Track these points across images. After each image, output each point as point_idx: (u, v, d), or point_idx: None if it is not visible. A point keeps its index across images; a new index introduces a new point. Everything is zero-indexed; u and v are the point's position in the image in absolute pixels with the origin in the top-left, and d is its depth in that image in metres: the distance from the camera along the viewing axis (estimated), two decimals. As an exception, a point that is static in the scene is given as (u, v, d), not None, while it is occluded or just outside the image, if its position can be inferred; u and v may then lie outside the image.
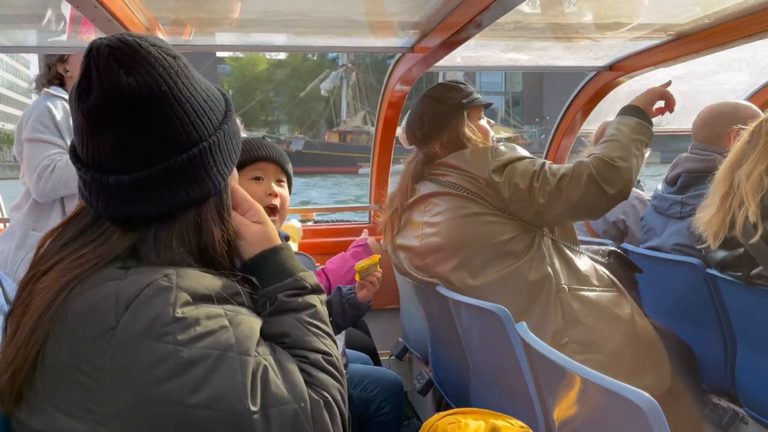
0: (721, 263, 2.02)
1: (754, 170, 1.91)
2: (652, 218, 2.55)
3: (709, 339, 2.25)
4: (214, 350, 0.83)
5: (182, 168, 0.91)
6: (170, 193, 0.91)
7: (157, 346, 0.81)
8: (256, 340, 0.88)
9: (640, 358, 1.85)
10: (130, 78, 0.86)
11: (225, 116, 0.99)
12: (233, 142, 0.99)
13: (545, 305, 1.84)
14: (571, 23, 2.51)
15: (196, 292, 0.86)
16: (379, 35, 2.61)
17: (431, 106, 2.10)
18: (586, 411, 1.22)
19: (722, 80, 3.64)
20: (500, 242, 1.87)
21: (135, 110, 0.87)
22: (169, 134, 0.90)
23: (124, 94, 0.86)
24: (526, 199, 1.87)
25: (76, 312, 0.84)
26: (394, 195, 2.21)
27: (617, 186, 1.83)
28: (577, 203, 1.84)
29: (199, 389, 0.81)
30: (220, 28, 2.46)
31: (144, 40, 0.90)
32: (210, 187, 0.95)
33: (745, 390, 2.12)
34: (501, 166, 1.90)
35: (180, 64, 0.92)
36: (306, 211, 3.75)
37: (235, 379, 0.83)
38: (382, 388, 2.16)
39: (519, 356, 1.47)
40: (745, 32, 2.26)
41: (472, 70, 3.26)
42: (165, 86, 0.88)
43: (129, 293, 0.83)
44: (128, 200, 0.90)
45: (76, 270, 0.88)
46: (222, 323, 0.86)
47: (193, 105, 0.92)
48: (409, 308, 2.79)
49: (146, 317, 0.82)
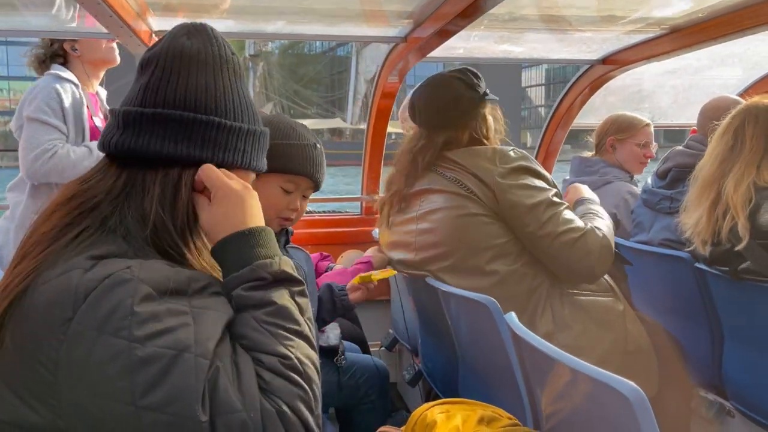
0: (708, 258, 2.03)
1: (742, 181, 1.89)
2: (641, 212, 2.55)
3: (696, 332, 2.26)
4: (170, 350, 0.79)
5: (183, 122, 0.96)
6: (163, 139, 0.95)
7: (111, 341, 0.79)
8: (217, 340, 0.84)
9: (628, 365, 1.84)
10: (188, 41, 1.00)
11: (253, 125, 1.03)
12: (244, 145, 1.02)
13: (535, 309, 1.84)
14: (565, 15, 2.50)
15: (159, 285, 0.84)
16: (373, 24, 2.60)
17: (462, 91, 1.96)
18: (573, 401, 1.22)
19: (715, 75, 3.64)
20: (496, 245, 1.85)
21: (175, 61, 0.98)
22: (191, 92, 0.97)
23: (177, 49, 0.99)
24: (520, 218, 1.84)
25: (36, 301, 0.83)
26: (393, 177, 2.12)
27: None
28: (569, 266, 1.84)
29: (150, 391, 0.78)
30: (212, 15, 2.43)
31: (216, 31, 1.03)
32: (197, 154, 0.97)
33: (732, 383, 2.14)
34: (508, 173, 1.85)
35: (234, 59, 1.03)
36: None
37: (188, 383, 0.79)
38: (368, 376, 2.17)
39: (507, 346, 1.47)
40: (739, 26, 2.26)
41: (465, 62, 3.25)
42: (210, 59, 0.99)
43: (88, 284, 0.81)
44: (130, 132, 0.96)
45: (70, 214, 0.92)
46: (183, 320, 0.83)
47: (224, 87, 1.00)
48: (400, 300, 2.79)
49: (103, 310, 0.80)
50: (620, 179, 2.84)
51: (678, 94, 3.85)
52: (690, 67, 3.51)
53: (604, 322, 1.87)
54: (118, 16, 1.95)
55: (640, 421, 0.94)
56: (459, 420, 1.30)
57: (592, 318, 1.86)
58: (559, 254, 1.83)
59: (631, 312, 1.98)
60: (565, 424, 1.31)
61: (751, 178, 1.88)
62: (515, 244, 1.86)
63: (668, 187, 2.43)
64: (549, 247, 1.82)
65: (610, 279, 2.00)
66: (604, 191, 2.82)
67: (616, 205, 2.75)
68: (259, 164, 1.07)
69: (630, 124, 2.89)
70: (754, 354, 2.02)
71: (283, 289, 0.92)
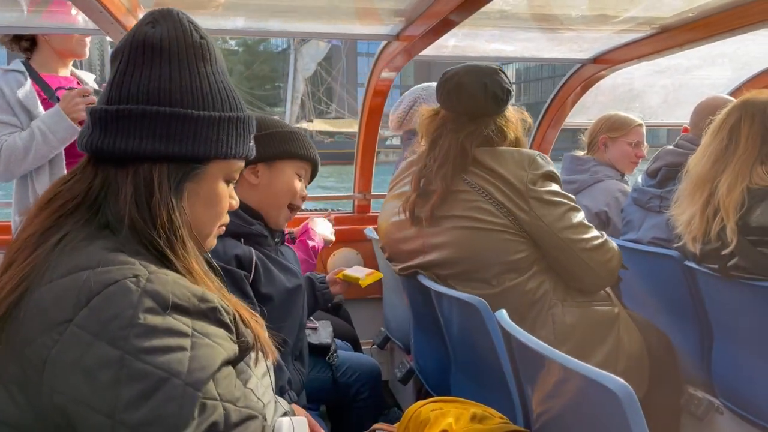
0: (698, 255, 2.04)
1: (735, 186, 1.89)
2: (631, 210, 2.57)
3: (686, 330, 2.28)
4: (161, 371, 0.78)
5: (146, 117, 0.92)
6: (128, 136, 0.92)
7: (105, 349, 0.78)
8: (211, 374, 0.82)
9: (619, 371, 1.85)
10: (152, 29, 0.95)
11: (226, 112, 0.98)
12: (217, 134, 0.97)
13: (536, 320, 1.84)
14: (556, 14, 2.51)
15: (165, 300, 0.82)
16: (365, 22, 2.59)
17: (500, 83, 1.91)
18: (562, 398, 1.23)
19: (705, 75, 3.66)
20: (508, 261, 1.83)
21: (138, 53, 0.94)
22: (153, 84, 0.93)
23: (138, 39, 0.95)
24: (552, 224, 1.82)
25: (39, 299, 0.82)
26: (430, 171, 1.92)
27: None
28: (594, 270, 1.87)
29: (131, 407, 0.77)
30: (205, 12, 2.42)
31: (185, 14, 0.99)
32: (164, 149, 0.93)
33: (721, 381, 2.15)
34: (539, 179, 1.83)
35: (203, 44, 0.98)
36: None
37: (171, 409, 0.77)
38: (360, 374, 2.17)
39: (497, 344, 1.48)
40: (728, 26, 2.27)
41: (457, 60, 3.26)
42: (175, 47, 0.95)
43: (93, 288, 0.81)
44: (98, 131, 0.93)
45: (51, 217, 0.91)
46: (181, 343, 0.81)
47: (191, 75, 0.95)
48: (392, 298, 2.80)
49: (103, 317, 0.79)
50: (611, 178, 2.86)
51: (668, 94, 3.87)
52: (680, 66, 3.53)
53: (600, 332, 1.88)
54: (109, 12, 1.93)
55: (629, 416, 0.94)
56: (452, 417, 1.31)
57: (591, 328, 1.87)
58: (589, 258, 1.85)
59: (625, 316, 1.99)
60: (555, 420, 1.31)
61: (744, 183, 1.88)
62: (527, 259, 1.84)
63: (658, 186, 2.44)
64: (581, 251, 1.84)
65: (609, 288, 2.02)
66: (595, 189, 2.84)
67: (606, 203, 2.77)
68: (241, 151, 1.01)
69: (622, 123, 2.91)
70: (743, 351, 2.04)
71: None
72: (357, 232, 3.06)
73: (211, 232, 1.05)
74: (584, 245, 1.85)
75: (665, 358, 2.14)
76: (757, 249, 1.85)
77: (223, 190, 1.03)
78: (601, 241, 1.89)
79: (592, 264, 1.85)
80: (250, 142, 1.04)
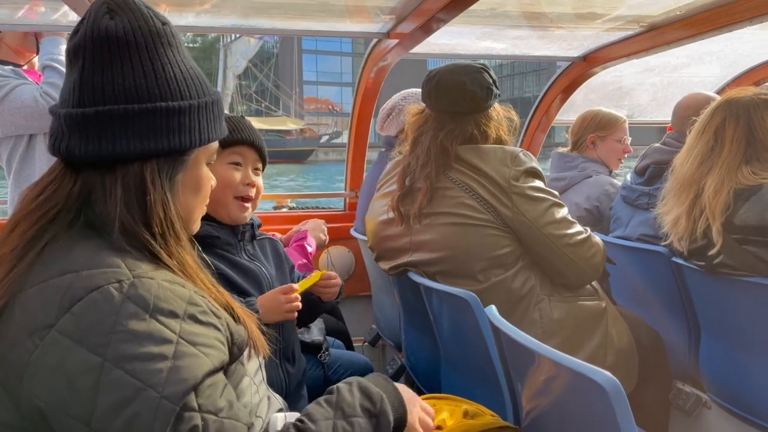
0: (685, 252, 2.06)
1: (722, 188, 1.89)
2: (619, 208, 2.59)
3: (674, 326, 2.30)
4: (137, 381, 0.77)
5: (129, 116, 0.90)
6: (113, 138, 0.89)
7: (85, 355, 0.77)
8: (191, 386, 0.80)
9: (608, 365, 1.87)
10: (111, 21, 0.90)
11: (202, 97, 0.97)
12: (198, 122, 0.96)
13: (524, 315, 1.85)
14: (546, 12, 2.52)
15: (147, 305, 0.81)
16: (356, 20, 2.59)
17: (490, 82, 1.92)
18: (551, 392, 1.24)
19: (693, 73, 3.70)
20: (494, 256, 1.85)
21: (104, 49, 0.90)
22: (129, 81, 0.90)
23: (100, 34, 0.90)
24: (535, 220, 1.83)
25: (24, 303, 0.82)
26: (413, 170, 1.94)
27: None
28: (578, 265, 1.88)
29: (107, 416, 0.76)
30: (195, 9, 2.42)
31: (141, 1, 0.95)
32: (153, 147, 0.91)
33: (709, 375, 2.18)
34: (521, 175, 1.85)
35: (166, 30, 0.94)
36: (281, 197, 3.73)
37: (143, 421, 0.76)
38: (352, 371, 2.17)
39: (488, 340, 1.49)
40: (716, 24, 2.30)
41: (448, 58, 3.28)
42: (141, 38, 0.91)
43: (76, 293, 0.80)
44: (77, 136, 0.89)
45: (32, 228, 0.88)
46: (163, 351, 0.79)
47: (164, 65, 0.92)
48: (381, 296, 2.80)
49: (85, 323, 0.78)
50: (600, 173, 2.88)
51: (657, 92, 3.90)
52: (668, 64, 3.56)
53: (588, 326, 1.90)
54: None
55: (616, 410, 0.95)
56: (446, 413, 1.32)
57: (578, 322, 1.88)
58: (572, 252, 1.86)
59: (614, 310, 2.01)
60: (545, 415, 1.32)
61: (731, 185, 1.89)
62: (512, 254, 1.86)
63: (646, 184, 2.46)
64: (564, 247, 1.85)
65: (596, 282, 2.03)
66: (585, 185, 2.85)
67: (597, 198, 2.79)
68: (219, 133, 1.01)
69: (610, 121, 2.94)
70: (730, 346, 2.06)
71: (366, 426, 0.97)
72: (348, 229, 3.06)
73: (198, 217, 1.05)
74: (567, 240, 1.86)
75: (654, 353, 2.16)
76: (742, 247, 1.87)
77: (207, 173, 1.03)
78: (585, 237, 1.91)
79: (576, 259, 1.87)
80: (222, 122, 1.03)
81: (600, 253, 1.93)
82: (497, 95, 1.97)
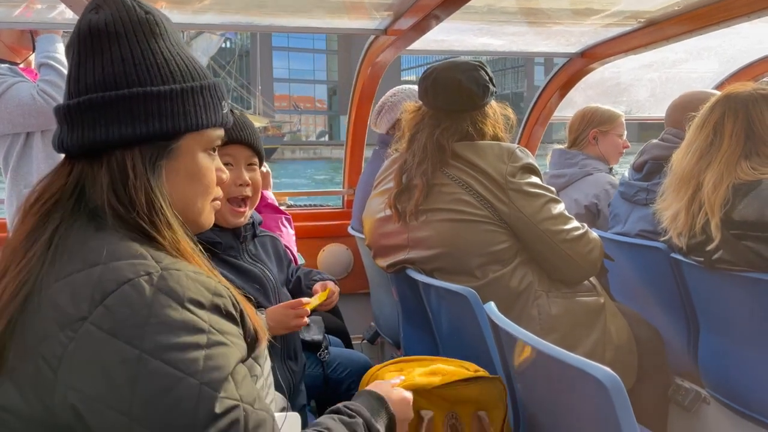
0: (684, 248, 2.06)
1: (721, 182, 1.89)
2: (618, 204, 2.59)
3: (673, 322, 2.30)
4: (177, 370, 0.78)
5: (107, 103, 0.91)
6: (94, 125, 0.91)
7: (121, 347, 0.78)
8: (228, 374, 0.82)
9: (606, 361, 1.87)
10: (96, 15, 0.94)
11: (188, 82, 0.96)
12: (183, 107, 0.95)
13: (522, 312, 1.85)
14: (543, 8, 2.52)
15: (179, 296, 0.82)
16: (353, 16, 2.59)
17: (486, 80, 1.92)
18: (551, 388, 1.24)
19: (691, 69, 3.69)
20: (491, 252, 1.85)
21: (88, 42, 0.93)
22: (108, 70, 0.92)
23: (85, 27, 0.94)
24: (532, 216, 1.84)
25: (52, 296, 0.82)
26: (410, 167, 1.95)
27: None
28: (575, 261, 1.88)
29: (147, 406, 0.77)
30: (194, 6, 2.41)
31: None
32: (132, 132, 0.91)
33: (708, 371, 2.18)
34: (518, 171, 1.85)
35: (149, 18, 0.95)
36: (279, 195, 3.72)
37: (187, 408, 0.77)
38: (352, 370, 2.17)
39: (487, 336, 1.48)
40: (714, 19, 2.29)
41: (445, 54, 3.29)
42: (122, 27, 0.93)
43: (107, 286, 0.80)
44: (66, 128, 0.93)
45: (35, 216, 0.91)
46: (197, 340, 0.81)
47: (143, 52, 0.93)
48: (379, 294, 2.80)
49: (119, 315, 0.79)
50: (600, 170, 2.89)
51: (655, 88, 3.89)
52: (666, 60, 3.56)
53: (587, 322, 1.90)
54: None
55: (616, 406, 0.95)
56: (415, 374, 1.33)
57: (577, 318, 1.88)
58: (569, 248, 1.86)
59: (612, 306, 2.01)
60: (544, 411, 1.32)
61: (730, 180, 1.88)
62: (509, 250, 1.86)
63: (644, 179, 2.46)
64: (561, 242, 1.85)
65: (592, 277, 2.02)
66: (585, 182, 2.86)
67: (596, 196, 2.80)
68: (213, 119, 0.99)
69: (610, 116, 2.95)
70: (729, 342, 2.06)
71: None
72: (345, 227, 3.06)
73: (203, 209, 1.02)
74: (564, 236, 1.86)
75: (653, 349, 2.16)
76: (741, 243, 1.87)
77: (205, 162, 1.00)
78: (582, 232, 1.91)
79: (573, 255, 1.87)
80: (222, 109, 1.01)
81: (597, 249, 1.93)
82: (494, 92, 1.97)
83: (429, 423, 1.26)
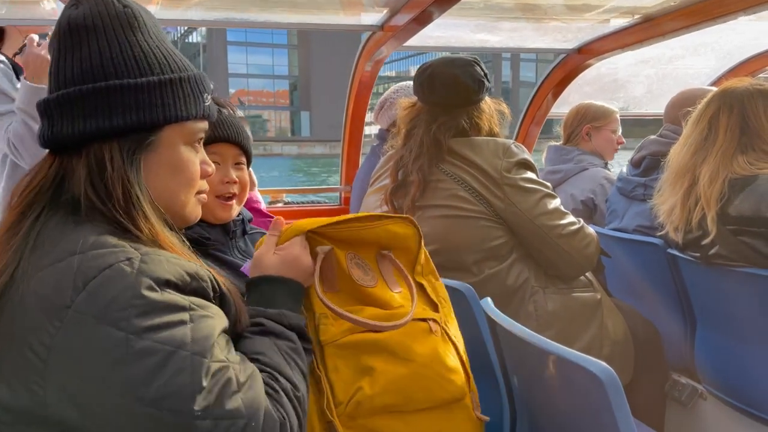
0: (681, 244, 2.06)
1: (717, 176, 1.89)
2: (615, 200, 2.59)
3: (670, 317, 2.30)
4: (166, 345, 0.80)
5: (83, 96, 0.92)
6: (72, 119, 0.92)
7: (109, 331, 0.79)
8: (214, 342, 0.85)
9: (603, 357, 1.87)
10: (74, 10, 0.95)
11: (167, 74, 0.96)
12: (162, 99, 0.95)
13: (519, 308, 1.85)
14: (540, 4, 2.52)
15: (160, 278, 0.83)
16: (349, 13, 2.58)
17: (482, 75, 1.92)
18: (548, 384, 1.23)
19: (688, 65, 3.69)
20: (487, 248, 1.84)
21: (66, 37, 0.94)
22: (86, 64, 0.93)
23: (65, 23, 0.95)
24: (528, 211, 1.83)
25: (33, 285, 0.82)
26: (407, 163, 1.94)
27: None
28: (571, 256, 1.87)
29: (144, 384, 0.78)
30: (189, 3, 2.40)
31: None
32: (108, 125, 0.91)
33: (704, 367, 2.18)
34: (513, 166, 1.85)
35: (128, 12, 0.96)
36: (276, 192, 3.72)
37: (182, 380, 0.80)
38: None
39: (483, 330, 1.48)
40: (710, 15, 2.30)
41: (442, 50, 3.30)
42: (99, 21, 0.94)
43: (88, 273, 0.81)
44: (45, 122, 0.95)
45: (11, 217, 0.91)
46: (181, 317, 0.83)
47: (121, 44, 0.94)
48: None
49: (103, 300, 0.79)
50: (595, 165, 2.89)
51: (652, 84, 3.90)
52: (663, 56, 3.56)
53: (584, 318, 1.89)
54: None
55: (612, 400, 0.95)
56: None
57: (574, 314, 1.88)
58: (565, 243, 1.86)
59: (609, 302, 2.01)
60: (541, 406, 1.32)
61: (726, 173, 1.88)
62: (505, 245, 1.86)
63: (642, 175, 2.46)
64: (557, 237, 1.85)
65: (589, 272, 2.02)
66: (580, 178, 2.86)
67: (592, 191, 2.80)
68: (193, 111, 0.98)
69: (604, 112, 2.96)
70: (726, 337, 2.06)
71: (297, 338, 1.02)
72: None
73: (187, 201, 1.02)
74: (560, 231, 1.86)
75: (650, 345, 2.16)
76: (737, 238, 1.87)
77: (188, 155, 1.00)
78: (578, 227, 1.90)
79: (569, 250, 1.87)
80: (205, 102, 1.01)
81: (593, 244, 1.93)
82: (489, 88, 1.97)
83: (329, 254, 1.13)
